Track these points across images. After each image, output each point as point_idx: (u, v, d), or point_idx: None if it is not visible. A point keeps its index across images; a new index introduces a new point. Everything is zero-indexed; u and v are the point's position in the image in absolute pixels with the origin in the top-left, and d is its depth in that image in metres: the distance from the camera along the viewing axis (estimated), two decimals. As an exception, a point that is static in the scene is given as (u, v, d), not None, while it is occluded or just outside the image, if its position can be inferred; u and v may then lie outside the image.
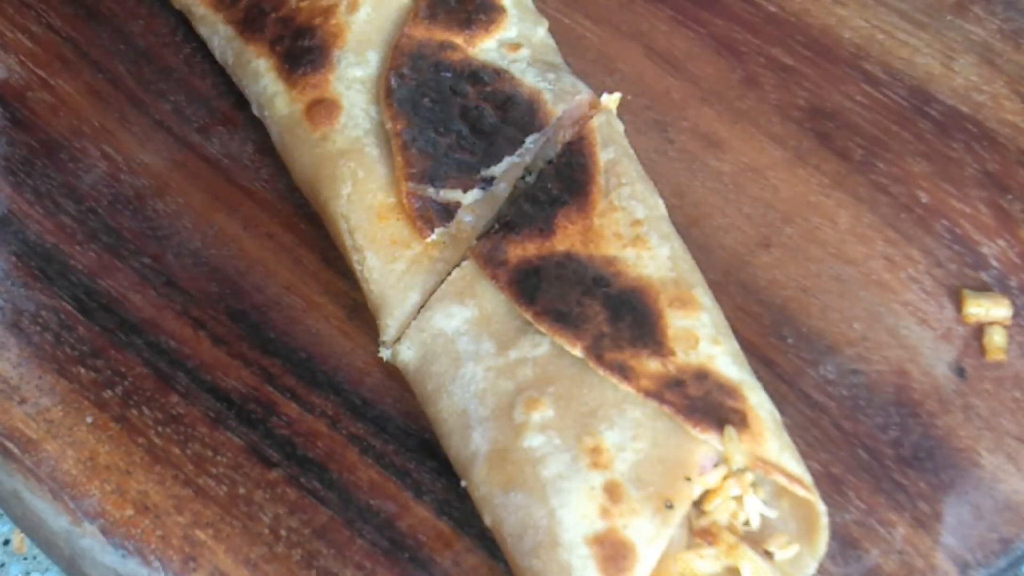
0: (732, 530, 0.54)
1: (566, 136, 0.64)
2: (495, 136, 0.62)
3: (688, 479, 0.52)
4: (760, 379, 0.57)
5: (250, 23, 0.68)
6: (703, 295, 0.58)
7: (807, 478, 0.53)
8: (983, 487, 0.59)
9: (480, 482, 0.55)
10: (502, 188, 0.63)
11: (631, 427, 0.53)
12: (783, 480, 0.52)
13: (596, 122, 0.63)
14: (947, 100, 0.71)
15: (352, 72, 0.66)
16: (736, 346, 0.58)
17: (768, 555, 0.54)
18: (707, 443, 0.53)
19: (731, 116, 0.71)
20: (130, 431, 0.60)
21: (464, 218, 0.62)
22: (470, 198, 0.61)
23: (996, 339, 0.63)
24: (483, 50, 0.66)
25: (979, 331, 0.63)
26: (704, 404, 0.53)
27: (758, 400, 0.55)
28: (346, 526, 0.57)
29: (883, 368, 0.62)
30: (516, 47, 0.67)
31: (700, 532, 0.54)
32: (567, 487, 0.52)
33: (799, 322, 0.64)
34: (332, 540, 0.57)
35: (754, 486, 0.54)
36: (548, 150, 0.64)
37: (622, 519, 0.51)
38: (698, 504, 0.54)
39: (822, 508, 0.53)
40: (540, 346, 0.56)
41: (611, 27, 0.73)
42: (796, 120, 0.71)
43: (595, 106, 0.65)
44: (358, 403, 0.61)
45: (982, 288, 0.65)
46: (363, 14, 0.67)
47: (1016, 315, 0.64)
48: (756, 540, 0.54)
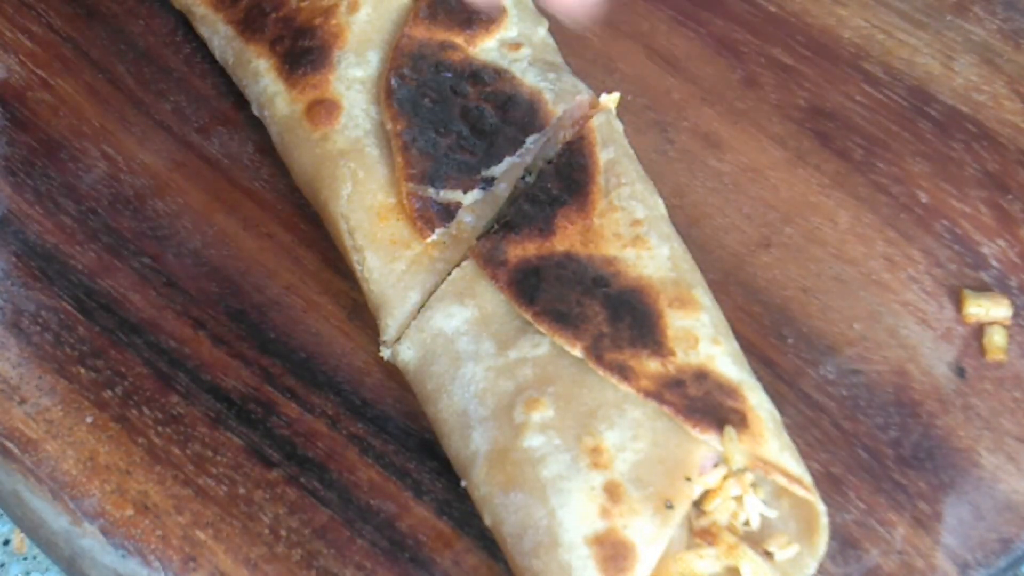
0: (732, 530, 0.54)
1: (566, 136, 0.64)
2: (495, 136, 0.62)
3: (688, 479, 0.52)
4: (760, 379, 0.57)
5: (250, 23, 0.68)
6: (703, 295, 0.58)
7: (807, 478, 0.53)
8: (983, 487, 0.59)
9: (480, 482, 0.55)
10: (502, 188, 0.62)
11: (631, 427, 0.53)
12: (783, 480, 0.52)
13: (596, 122, 0.63)
14: (947, 100, 0.71)
15: (352, 72, 0.66)
16: (736, 346, 0.58)
17: (768, 555, 0.54)
18: (707, 443, 0.53)
19: (731, 116, 0.71)
20: (130, 431, 0.60)
21: (464, 218, 0.62)
22: (470, 198, 0.61)
23: (996, 339, 0.63)
24: (484, 50, 0.66)
25: (979, 331, 0.63)
26: (704, 404, 0.53)
27: (758, 400, 0.55)
28: (346, 526, 0.57)
29: (883, 368, 0.62)
30: (517, 47, 0.66)
31: (700, 532, 0.54)
32: (567, 487, 0.52)
33: (799, 322, 0.64)
34: (332, 540, 0.57)
35: (754, 486, 0.54)
36: (548, 150, 0.64)
37: (622, 519, 0.51)
38: (698, 504, 0.54)
39: (822, 508, 0.53)
40: (540, 346, 0.56)
41: (611, 27, 0.73)
42: (796, 120, 0.71)
43: (595, 106, 0.65)
44: (358, 403, 0.61)
45: (982, 288, 0.65)
46: (363, 14, 0.67)
47: (1016, 315, 0.64)
48: (756, 540, 0.54)
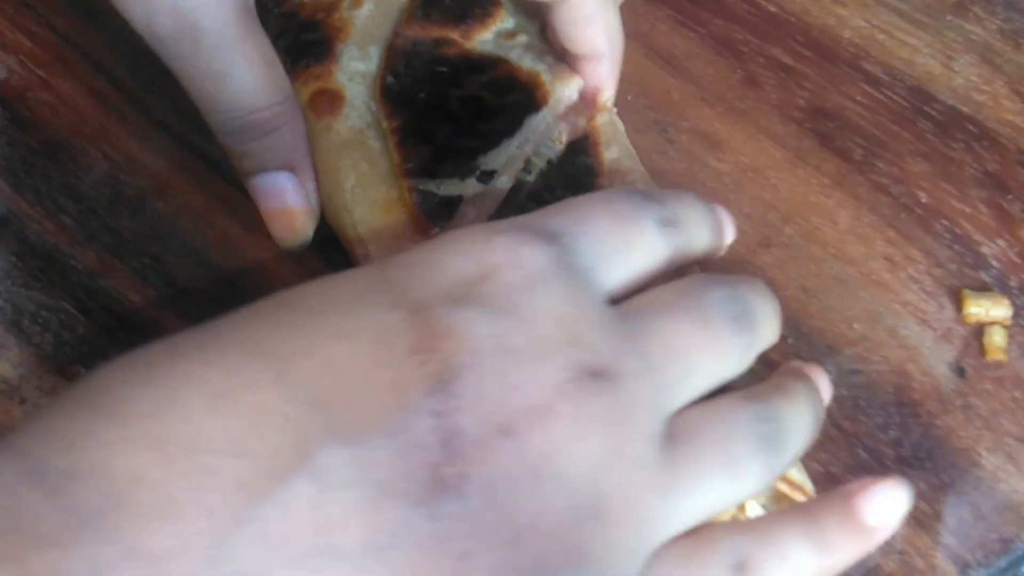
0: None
1: (564, 131, 0.64)
2: (493, 122, 0.62)
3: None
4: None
5: None
6: None
7: (808, 485, 0.53)
8: (983, 487, 0.59)
9: None
10: (503, 181, 0.62)
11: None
12: (784, 487, 0.52)
13: (599, 121, 0.63)
14: (947, 100, 0.71)
15: (355, 65, 0.65)
16: (736, 346, 0.57)
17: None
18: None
19: (731, 116, 0.71)
20: (130, 431, 0.60)
21: (466, 211, 0.62)
22: (471, 191, 0.61)
23: (996, 339, 0.63)
24: (481, 42, 0.66)
25: (979, 331, 0.63)
26: (704, 405, 0.53)
27: (758, 400, 0.55)
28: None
29: (883, 368, 0.62)
30: (513, 35, 0.66)
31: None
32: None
33: (799, 322, 0.64)
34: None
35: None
36: (547, 149, 0.63)
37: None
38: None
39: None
40: None
41: (611, 27, 0.73)
42: (796, 120, 0.71)
43: (595, 95, 0.64)
44: (358, 403, 0.61)
45: (982, 288, 0.65)
46: (366, 10, 0.67)
47: (1016, 315, 0.64)
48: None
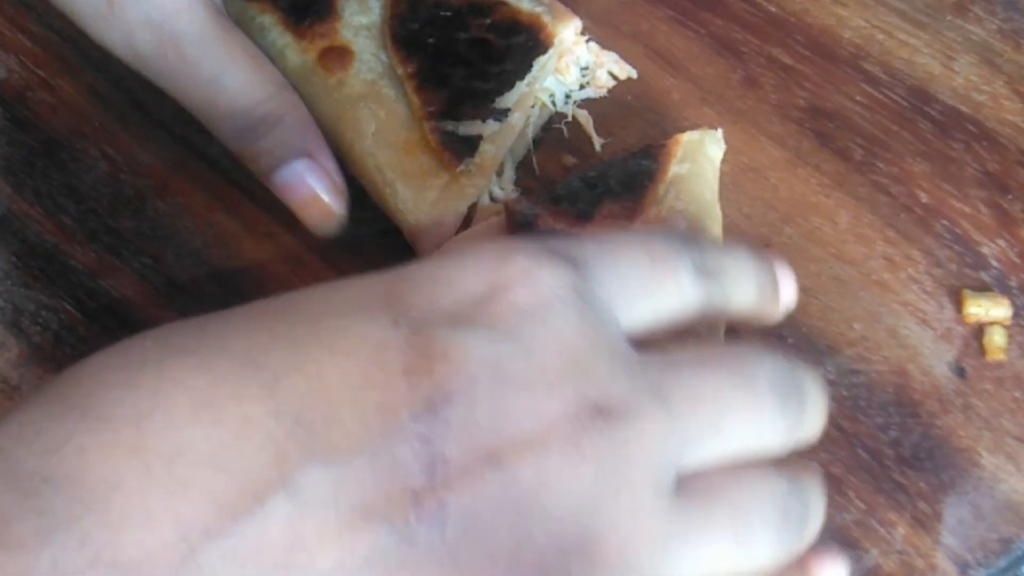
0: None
1: (569, 65, 0.69)
2: (504, 63, 0.65)
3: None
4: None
5: None
6: None
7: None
8: (983, 487, 0.59)
9: None
10: (516, 117, 0.65)
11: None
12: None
13: (686, 137, 0.63)
14: (947, 100, 0.71)
15: (358, 20, 0.67)
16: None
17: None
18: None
19: (731, 116, 0.71)
20: (130, 431, 0.60)
21: (486, 148, 0.64)
22: (488, 130, 0.64)
23: (996, 339, 0.63)
24: None
25: (979, 331, 0.63)
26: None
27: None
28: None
29: (883, 368, 0.62)
30: None
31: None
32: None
33: (799, 322, 0.64)
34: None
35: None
36: (555, 84, 0.69)
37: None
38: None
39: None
40: None
41: (611, 27, 0.73)
42: (796, 120, 0.71)
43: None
44: (358, 403, 0.61)
45: (982, 288, 0.65)
46: None
47: (1016, 315, 0.64)
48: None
